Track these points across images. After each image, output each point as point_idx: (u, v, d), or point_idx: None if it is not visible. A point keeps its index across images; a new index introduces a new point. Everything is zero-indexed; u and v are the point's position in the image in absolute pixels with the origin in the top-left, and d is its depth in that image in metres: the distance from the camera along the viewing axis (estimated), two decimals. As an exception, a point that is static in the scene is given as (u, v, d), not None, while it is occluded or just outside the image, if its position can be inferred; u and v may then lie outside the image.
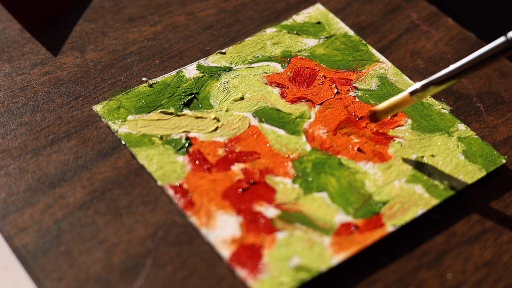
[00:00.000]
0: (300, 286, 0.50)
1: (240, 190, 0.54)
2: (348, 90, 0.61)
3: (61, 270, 0.50)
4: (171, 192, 0.53)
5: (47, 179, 0.54)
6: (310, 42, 0.64)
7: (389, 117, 0.58)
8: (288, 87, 0.60)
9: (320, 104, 0.60)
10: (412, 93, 0.55)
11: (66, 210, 0.53)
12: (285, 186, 0.54)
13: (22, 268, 0.51)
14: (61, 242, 0.51)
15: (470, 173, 0.56)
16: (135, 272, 0.50)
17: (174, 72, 0.61)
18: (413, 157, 0.57)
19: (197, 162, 0.55)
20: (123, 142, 0.56)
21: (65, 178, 0.54)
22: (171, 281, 0.50)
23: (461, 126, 0.59)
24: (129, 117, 0.58)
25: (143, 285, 0.49)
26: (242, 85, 0.60)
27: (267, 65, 0.62)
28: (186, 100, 0.59)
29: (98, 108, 0.58)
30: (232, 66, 0.62)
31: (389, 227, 0.52)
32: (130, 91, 0.59)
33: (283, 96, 0.60)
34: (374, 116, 0.57)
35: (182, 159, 0.55)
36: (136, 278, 0.50)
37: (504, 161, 0.57)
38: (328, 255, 0.51)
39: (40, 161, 0.55)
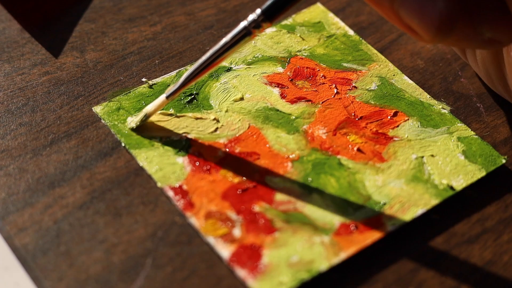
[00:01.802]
0: (300, 286, 0.50)
1: (240, 191, 0.54)
2: (348, 90, 0.61)
3: (61, 270, 0.50)
4: (171, 193, 0.53)
5: (47, 179, 0.54)
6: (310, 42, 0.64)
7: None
8: (287, 87, 0.60)
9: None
10: (168, 97, 0.54)
11: (66, 210, 0.53)
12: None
13: (21, 268, 0.51)
14: (61, 242, 0.51)
15: (470, 173, 0.56)
16: (135, 272, 0.50)
17: (174, 73, 0.61)
18: (413, 157, 0.56)
19: (197, 163, 0.55)
20: (122, 144, 0.56)
21: (65, 178, 0.54)
22: (171, 281, 0.50)
23: (461, 126, 0.59)
24: (129, 118, 0.58)
25: (143, 285, 0.49)
26: (241, 85, 0.60)
27: (267, 65, 0.62)
28: (186, 100, 0.59)
29: (98, 109, 0.58)
30: (232, 66, 0.62)
31: (389, 227, 0.52)
32: (130, 92, 0.59)
33: (282, 96, 0.60)
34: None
35: (182, 160, 0.55)
36: (136, 278, 0.50)
37: (504, 161, 0.57)
38: (328, 255, 0.51)
39: (40, 161, 0.55)
